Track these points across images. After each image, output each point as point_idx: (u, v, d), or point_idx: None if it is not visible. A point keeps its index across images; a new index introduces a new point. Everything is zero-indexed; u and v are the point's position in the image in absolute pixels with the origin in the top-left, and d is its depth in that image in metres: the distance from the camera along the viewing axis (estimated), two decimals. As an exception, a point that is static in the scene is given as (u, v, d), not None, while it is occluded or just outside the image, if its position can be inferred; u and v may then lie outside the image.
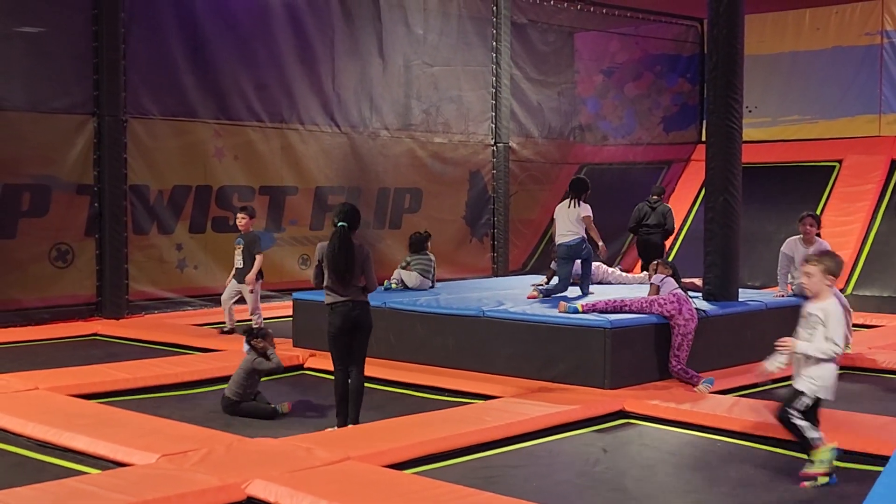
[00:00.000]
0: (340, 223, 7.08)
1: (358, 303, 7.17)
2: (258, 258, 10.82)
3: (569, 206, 9.83)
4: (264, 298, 13.24)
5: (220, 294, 13.32)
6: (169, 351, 10.32)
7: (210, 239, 13.52)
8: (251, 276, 10.79)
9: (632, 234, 14.74)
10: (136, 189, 12.73)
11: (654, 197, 14.19)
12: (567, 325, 8.44)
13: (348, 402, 7.13)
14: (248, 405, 7.73)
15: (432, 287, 10.80)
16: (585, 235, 9.85)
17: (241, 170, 13.79)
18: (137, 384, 8.49)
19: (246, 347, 7.93)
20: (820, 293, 6.15)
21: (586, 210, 9.87)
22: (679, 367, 8.42)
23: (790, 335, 9.26)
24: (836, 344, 6.00)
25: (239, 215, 11.05)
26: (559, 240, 9.93)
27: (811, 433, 6.04)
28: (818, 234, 10.21)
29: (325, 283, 7.16)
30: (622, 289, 11.05)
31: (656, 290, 8.82)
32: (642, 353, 8.43)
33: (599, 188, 17.49)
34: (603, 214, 16.96)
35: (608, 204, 17.36)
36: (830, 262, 6.20)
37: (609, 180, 17.84)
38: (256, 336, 7.94)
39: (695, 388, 8.18)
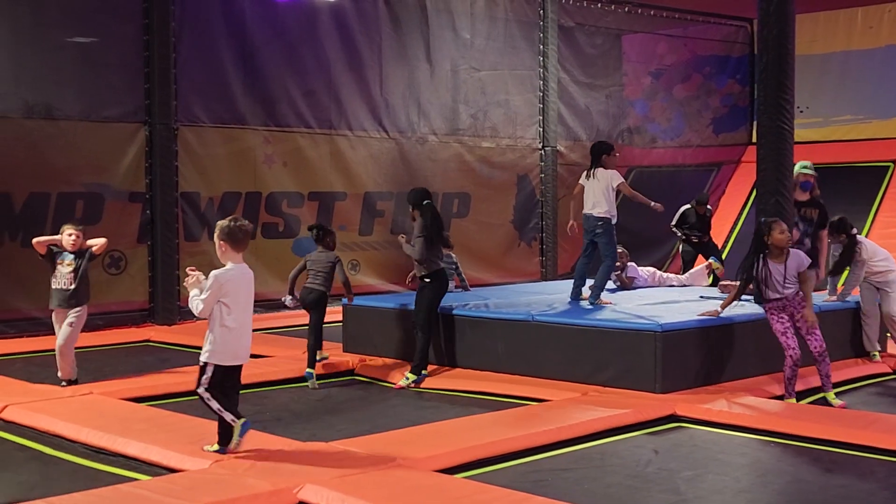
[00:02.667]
0: (427, 202, 8.93)
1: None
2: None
3: (587, 178, 9.50)
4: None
5: (271, 300, 13.50)
6: (220, 356, 10.38)
7: (260, 245, 13.63)
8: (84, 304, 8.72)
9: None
10: (187, 196, 12.88)
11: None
12: (617, 329, 8.40)
13: None
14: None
15: (465, 290, 10.88)
16: (609, 207, 9.40)
17: (290, 176, 13.89)
18: (189, 388, 8.55)
19: (314, 250, 9.29)
20: (224, 261, 6.26)
21: (615, 178, 9.38)
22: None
23: (841, 337, 9.18)
24: (201, 302, 6.18)
25: (70, 231, 8.65)
26: (584, 211, 9.59)
27: (225, 415, 6.16)
28: (853, 235, 9.79)
29: (430, 255, 8.89)
30: (673, 291, 10.99)
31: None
32: (694, 356, 8.36)
33: (648, 191, 17.41)
34: (652, 217, 16.98)
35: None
36: (224, 227, 6.21)
37: (658, 183, 17.74)
38: (329, 231, 9.54)
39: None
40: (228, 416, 6.20)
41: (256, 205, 13.59)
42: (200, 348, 10.88)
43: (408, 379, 8.94)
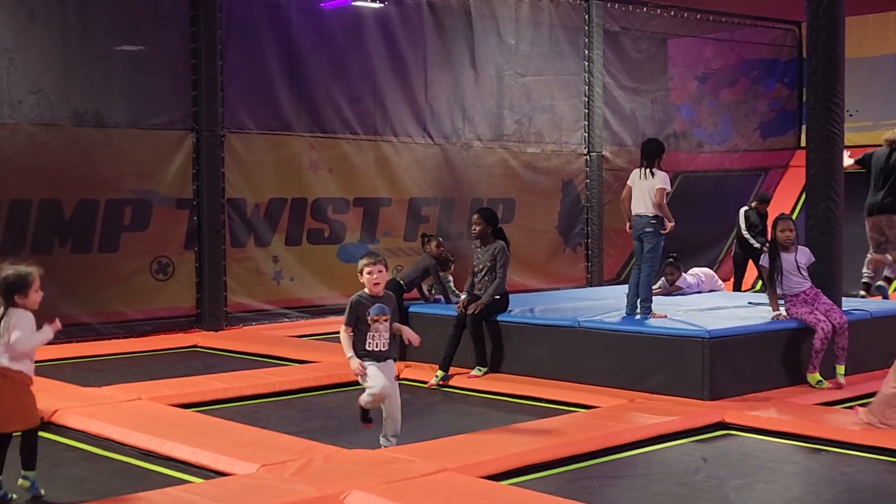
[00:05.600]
0: (500, 226, 9.51)
1: None
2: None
3: (641, 177, 9.03)
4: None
5: (317, 306, 13.56)
6: (267, 362, 10.47)
7: (305, 251, 13.70)
8: None
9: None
10: (233, 202, 12.97)
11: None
12: (664, 336, 8.34)
13: None
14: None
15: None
16: (657, 211, 8.95)
17: (335, 182, 13.94)
18: (236, 394, 8.63)
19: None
20: None
21: (661, 180, 8.92)
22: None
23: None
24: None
25: (370, 268, 6.54)
26: (633, 211, 9.15)
27: None
28: None
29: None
30: (721, 297, 10.91)
31: None
32: (742, 363, 8.28)
33: (695, 196, 17.43)
34: (699, 222, 16.92)
35: (704, 212, 17.21)
36: None
37: (705, 188, 17.63)
38: (428, 238, 10.85)
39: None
40: None
41: (302, 211, 13.65)
42: (248, 354, 11.08)
43: (480, 370, 9.23)
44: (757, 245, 13.71)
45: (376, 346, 6.54)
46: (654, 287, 9.92)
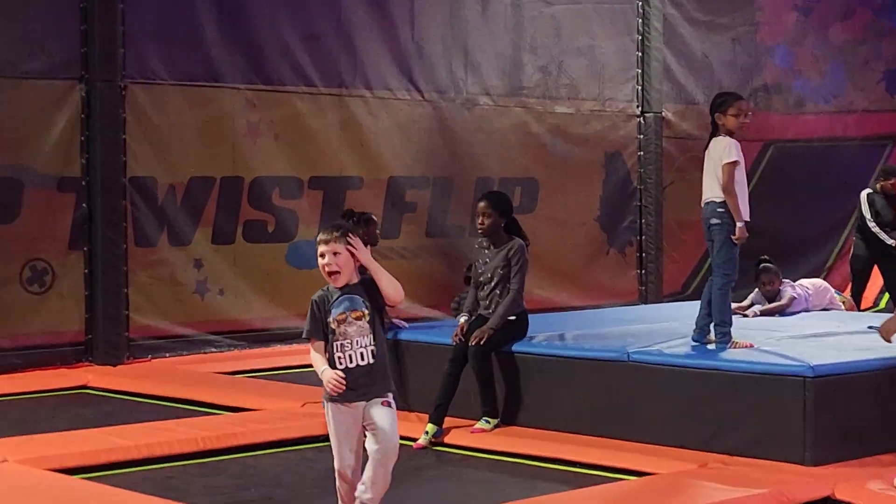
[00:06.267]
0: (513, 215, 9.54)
1: None
2: None
3: (706, 146, 9.11)
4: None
5: (256, 329, 13.55)
6: (186, 409, 10.47)
7: (240, 252, 13.70)
8: None
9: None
10: (138, 183, 12.96)
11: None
12: (750, 373, 8.34)
13: None
14: None
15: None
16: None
17: (283, 154, 13.96)
18: (143, 454, 8.62)
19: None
20: None
21: (726, 150, 8.90)
22: None
23: None
24: None
25: (322, 247, 6.25)
26: (703, 196, 9.15)
27: None
28: None
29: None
30: (833, 317, 10.92)
31: None
32: (860, 413, 8.29)
33: (794, 175, 17.46)
34: (800, 213, 16.94)
35: (807, 197, 17.24)
36: None
37: (807, 163, 17.66)
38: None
39: None
40: None
41: (236, 195, 13.64)
42: (160, 397, 11.07)
43: (488, 422, 9.22)
44: (890, 243, 13.79)
45: (350, 362, 6.00)
46: (742, 303, 9.92)
